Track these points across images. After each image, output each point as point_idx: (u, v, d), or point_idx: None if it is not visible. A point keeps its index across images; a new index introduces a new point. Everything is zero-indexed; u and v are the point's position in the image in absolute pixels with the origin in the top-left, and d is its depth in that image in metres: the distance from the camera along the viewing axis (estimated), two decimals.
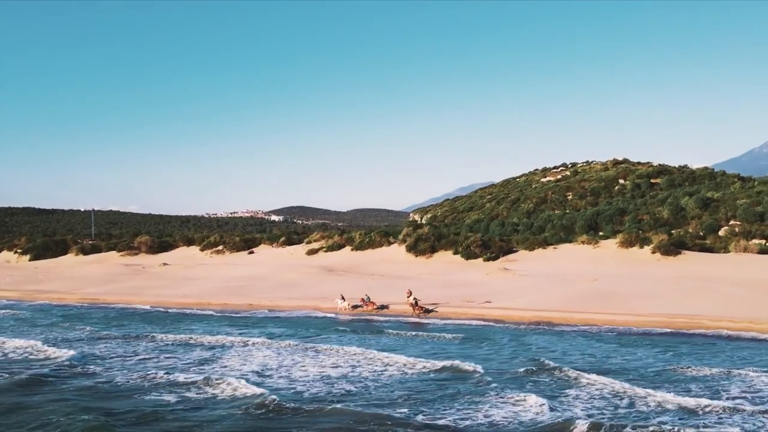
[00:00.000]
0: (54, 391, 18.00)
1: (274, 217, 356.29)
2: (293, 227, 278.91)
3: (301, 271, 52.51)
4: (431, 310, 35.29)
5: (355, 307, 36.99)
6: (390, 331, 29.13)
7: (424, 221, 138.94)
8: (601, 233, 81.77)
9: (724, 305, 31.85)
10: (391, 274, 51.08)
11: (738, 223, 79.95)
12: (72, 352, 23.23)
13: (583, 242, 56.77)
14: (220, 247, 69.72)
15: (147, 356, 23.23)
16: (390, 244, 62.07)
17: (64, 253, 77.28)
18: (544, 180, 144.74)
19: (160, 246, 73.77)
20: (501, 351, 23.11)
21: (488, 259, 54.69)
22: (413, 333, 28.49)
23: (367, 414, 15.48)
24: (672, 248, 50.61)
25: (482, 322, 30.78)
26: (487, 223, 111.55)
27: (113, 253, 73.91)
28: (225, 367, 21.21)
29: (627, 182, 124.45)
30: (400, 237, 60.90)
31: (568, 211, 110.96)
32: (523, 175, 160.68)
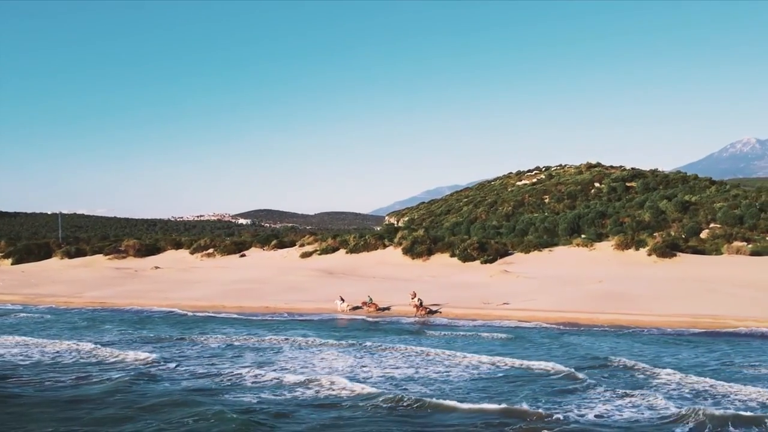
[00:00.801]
0: (174, 392, 18.01)
1: (241, 221, 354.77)
2: (262, 230, 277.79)
3: (302, 274, 52.48)
4: (435, 311, 35.70)
5: (354, 308, 37.21)
6: (429, 332, 29.42)
7: (401, 224, 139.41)
8: (583, 236, 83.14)
9: (737, 305, 32.65)
10: (392, 277, 51.32)
11: (718, 226, 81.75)
12: (153, 355, 23.34)
13: (578, 245, 57.60)
14: (211, 251, 69.27)
15: (221, 357, 23.46)
16: (385, 246, 62.30)
17: (48, 256, 76.14)
18: (519, 183, 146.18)
19: (148, 249, 73.01)
20: (552, 350, 23.52)
21: (485, 262, 55.21)
22: (449, 333, 28.91)
23: (497, 410, 15.99)
24: (668, 250, 51.63)
25: (512, 323, 31.11)
26: (467, 226, 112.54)
27: (100, 256, 73.01)
28: (306, 367, 21.36)
29: (603, 186, 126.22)
30: (396, 240, 61.16)
31: (546, 214, 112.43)
32: (497, 178, 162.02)
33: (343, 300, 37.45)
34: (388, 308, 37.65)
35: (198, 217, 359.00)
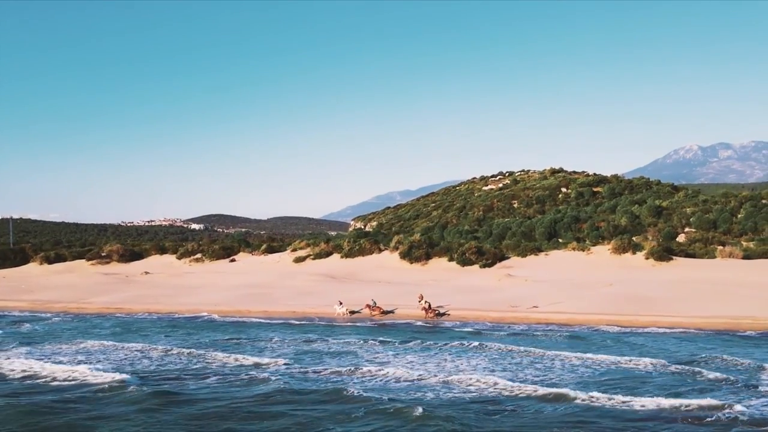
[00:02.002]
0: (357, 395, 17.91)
1: (194, 226, 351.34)
2: (215, 235, 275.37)
3: (305, 279, 52.24)
4: (444, 314, 36.03)
5: (353, 312, 37.45)
6: (486, 332, 29.74)
7: (369, 228, 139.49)
8: (560, 240, 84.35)
9: (760, 306, 33.66)
10: (393, 281, 51.38)
11: (693, 230, 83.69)
12: (284, 359, 23.22)
13: (573, 249, 58.52)
14: (199, 255, 68.38)
15: (334, 357, 23.63)
16: (381, 251, 62.40)
17: (25, 261, 74.06)
18: (486, 188, 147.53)
19: (132, 254, 71.73)
20: (623, 350, 24.00)
21: (484, 266, 55.67)
22: (500, 333, 29.31)
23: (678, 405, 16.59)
24: (664, 254, 52.83)
25: (553, 326, 31.52)
26: (440, 231, 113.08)
27: (82, 262, 71.40)
28: (435, 368, 21.57)
29: (570, 190, 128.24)
30: (392, 244, 61.29)
31: (518, 218, 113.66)
32: (462, 183, 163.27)
33: (341, 304, 37.66)
34: (392, 311, 37.92)
35: (149, 222, 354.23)
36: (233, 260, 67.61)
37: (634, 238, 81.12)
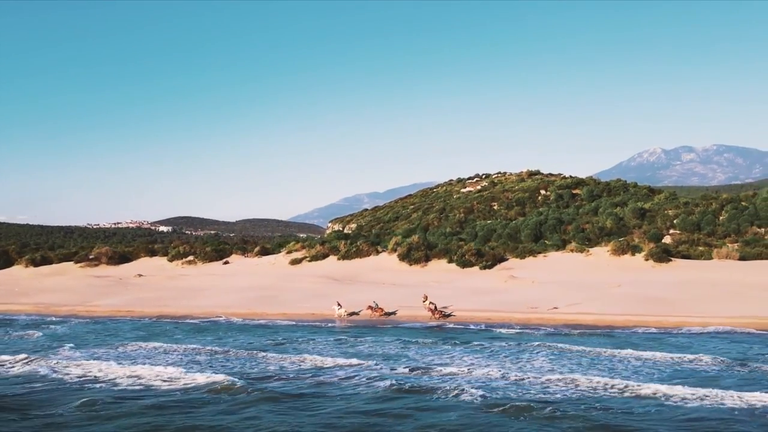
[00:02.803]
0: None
1: (162, 228, 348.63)
2: (184, 238, 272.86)
3: (309, 281, 51.85)
4: (449, 315, 36.16)
5: (351, 314, 37.48)
6: (526, 333, 29.70)
7: (348, 231, 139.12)
8: (547, 242, 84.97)
9: None
10: (395, 283, 51.30)
11: (678, 232, 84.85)
12: (369, 360, 22.75)
13: (572, 250, 58.93)
14: (191, 258, 67.52)
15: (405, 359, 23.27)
16: (378, 253, 62.22)
17: (9, 264, 72.54)
18: (464, 190, 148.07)
19: (121, 257, 70.59)
20: (672, 350, 24.08)
21: (484, 267, 55.83)
22: (540, 333, 29.39)
23: None
24: (664, 255, 53.42)
25: (584, 327, 31.62)
26: (422, 233, 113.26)
27: (69, 264, 70.08)
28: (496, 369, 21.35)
29: (549, 193, 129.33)
30: (390, 246, 61.14)
31: (499, 220, 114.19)
32: (439, 185, 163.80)
33: (340, 306, 37.66)
34: (394, 313, 38.00)
35: (115, 224, 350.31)
36: (227, 262, 66.88)
37: (621, 240, 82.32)
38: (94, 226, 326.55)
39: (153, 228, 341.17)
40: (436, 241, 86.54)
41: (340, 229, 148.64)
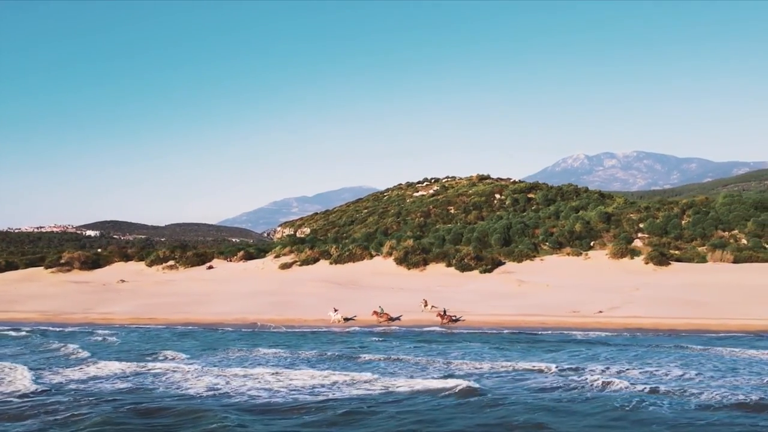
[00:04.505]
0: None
1: (89, 232, 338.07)
2: (113, 242, 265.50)
3: (311, 285, 50.56)
4: (458, 320, 35.81)
5: (347, 319, 37.07)
6: (611, 338, 29.18)
7: (301, 235, 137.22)
8: (512, 244, 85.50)
9: None
10: (397, 287, 50.56)
11: (647, 236, 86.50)
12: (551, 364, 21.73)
13: (568, 254, 59.26)
14: (172, 262, 65.12)
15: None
16: (372, 256, 61.23)
17: None
18: (417, 195, 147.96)
19: (93, 262, 67.61)
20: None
21: (484, 271, 55.57)
22: (627, 335, 28.81)
23: None
24: (663, 258, 54.13)
25: (654, 330, 31.44)
26: (381, 236, 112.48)
27: (39, 269, 66.76)
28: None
29: (504, 197, 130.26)
30: (385, 250, 60.22)
31: (458, 224, 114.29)
32: (388, 189, 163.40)
33: (336, 311, 37.12)
34: (398, 318, 37.38)
35: (38, 228, 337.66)
36: (211, 267, 64.78)
37: (592, 243, 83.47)
38: (16, 230, 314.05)
39: (80, 232, 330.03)
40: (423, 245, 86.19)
41: (292, 233, 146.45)
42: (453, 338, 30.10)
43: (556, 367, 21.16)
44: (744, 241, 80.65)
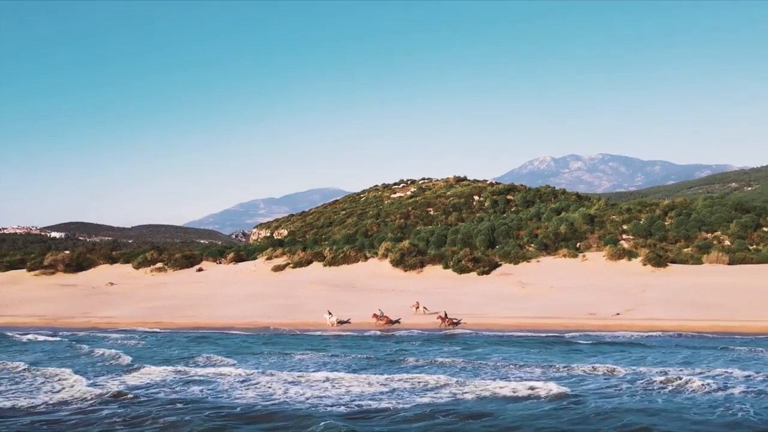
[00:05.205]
0: None
1: (54, 234, 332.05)
2: (79, 244, 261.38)
3: (310, 288, 49.69)
4: (458, 322, 35.39)
5: (341, 322, 36.51)
6: (644, 340, 28.80)
7: (278, 236, 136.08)
8: (498, 246, 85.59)
9: None
10: (398, 289, 49.91)
11: (631, 237, 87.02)
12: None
13: (564, 255, 59.02)
14: (160, 265, 63.75)
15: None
16: (366, 258, 60.53)
17: None
18: (394, 196, 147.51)
19: (78, 264, 65.96)
20: None
21: (482, 273, 55.20)
22: (669, 337, 28.47)
23: None
24: (661, 260, 54.20)
25: (670, 333, 31.11)
26: (362, 238, 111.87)
27: (22, 272, 64.94)
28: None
29: (483, 198, 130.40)
30: (380, 252, 59.55)
31: (439, 226, 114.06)
32: (364, 191, 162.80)
33: (330, 314, 36.46)
34: (398, 321, 37.00)
35: (0, 229, 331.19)
36: (201, 269, 63.57)
37: (578, 245, 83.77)
38: None
39: (44, 234, 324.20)
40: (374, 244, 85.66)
41: (269, 234, 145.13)
42: (476, 342, 29.42)
43: (624, 369, 20.68)
44: (727, 242, 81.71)
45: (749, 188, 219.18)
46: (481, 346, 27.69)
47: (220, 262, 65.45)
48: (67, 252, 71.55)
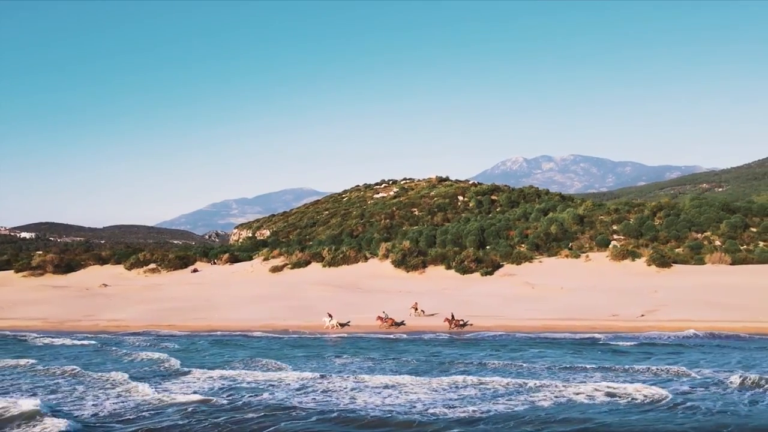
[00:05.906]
0: None
1: (24, 234, 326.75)
2: (51, 244, 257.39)
3: (313, 289, 48.73)
4: (465, 324, 34.94)
5: (342, 325, 35.95)
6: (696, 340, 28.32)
7: (261, 237, 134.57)
8: (489, 247, 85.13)
9: None
10: (405, 290, 49.13)
11: (622, 238, 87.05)
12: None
13: (566, 256, 58.74)
14: (153, 266, 62.33)
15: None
16: (366, 259, 59.67)
17: None
18: (377, 196, 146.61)
19: (68, 265, 64.31)
20: None
21: (485, 274, 54.65)
22: (729, 339, 27.98)
23: None
24: (666, 261, 54.03)
25: (701, 333, 30.68)
26: (348, 238, 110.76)
27: (9, 273, 63.15)
28: None
29: (468, 199, 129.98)
30: (381, 253, 58.73)
31: (426, 226, 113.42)
32: (346, 191, 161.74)
33: (331, 317, 36.00)
34: (402, 323, 36.33)
35: None
36: (195, 270, 62.22)
37: (571, 244, 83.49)
38: None
39: (14, 234, 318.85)
40: (362, 245, 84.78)
41: (251, 235, 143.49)
42: (511, 344, 28.73)
43: (693, 372, 20.17)
44: (718, 242, 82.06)
45: (720, 189, 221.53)
46: (520, 348, 26.97)
47: (215, 263, 64.13)
48: (54, 254, 69.53)
